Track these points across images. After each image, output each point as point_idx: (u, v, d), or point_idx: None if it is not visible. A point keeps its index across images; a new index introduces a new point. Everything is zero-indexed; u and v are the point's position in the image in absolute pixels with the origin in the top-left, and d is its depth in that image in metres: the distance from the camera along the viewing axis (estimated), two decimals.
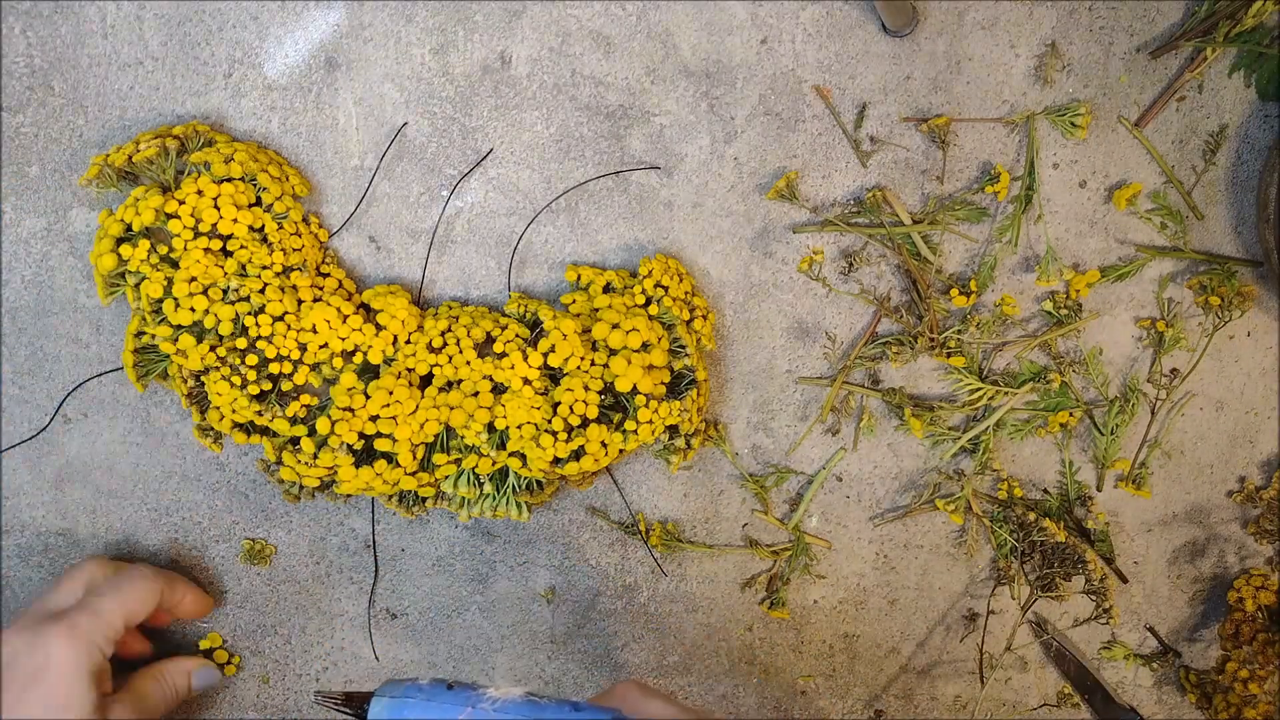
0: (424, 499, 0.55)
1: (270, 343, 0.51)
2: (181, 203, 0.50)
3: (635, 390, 0.51)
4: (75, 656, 0.49)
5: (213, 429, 0.53)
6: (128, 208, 0.50)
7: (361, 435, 0.52)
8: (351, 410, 0.51)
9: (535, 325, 0.54)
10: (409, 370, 0.52)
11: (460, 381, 0.52)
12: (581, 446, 0.51)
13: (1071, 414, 0.58)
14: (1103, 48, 0.54)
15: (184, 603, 0.56)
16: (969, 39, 0.54)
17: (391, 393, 0.51)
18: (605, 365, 0.51)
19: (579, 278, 0.55)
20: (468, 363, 0.52)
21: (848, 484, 0.59)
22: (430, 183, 0.55)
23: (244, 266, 0.51)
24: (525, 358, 0.51)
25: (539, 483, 0.55)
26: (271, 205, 0.52)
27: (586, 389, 0.51)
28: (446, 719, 0.41)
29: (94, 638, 0.50)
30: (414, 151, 0.54)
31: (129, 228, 0.50)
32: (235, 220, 0.51)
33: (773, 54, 0.54)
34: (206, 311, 0.50)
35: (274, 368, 0.51)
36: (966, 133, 0.55)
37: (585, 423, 0.52)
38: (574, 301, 0.54)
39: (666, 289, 0.53)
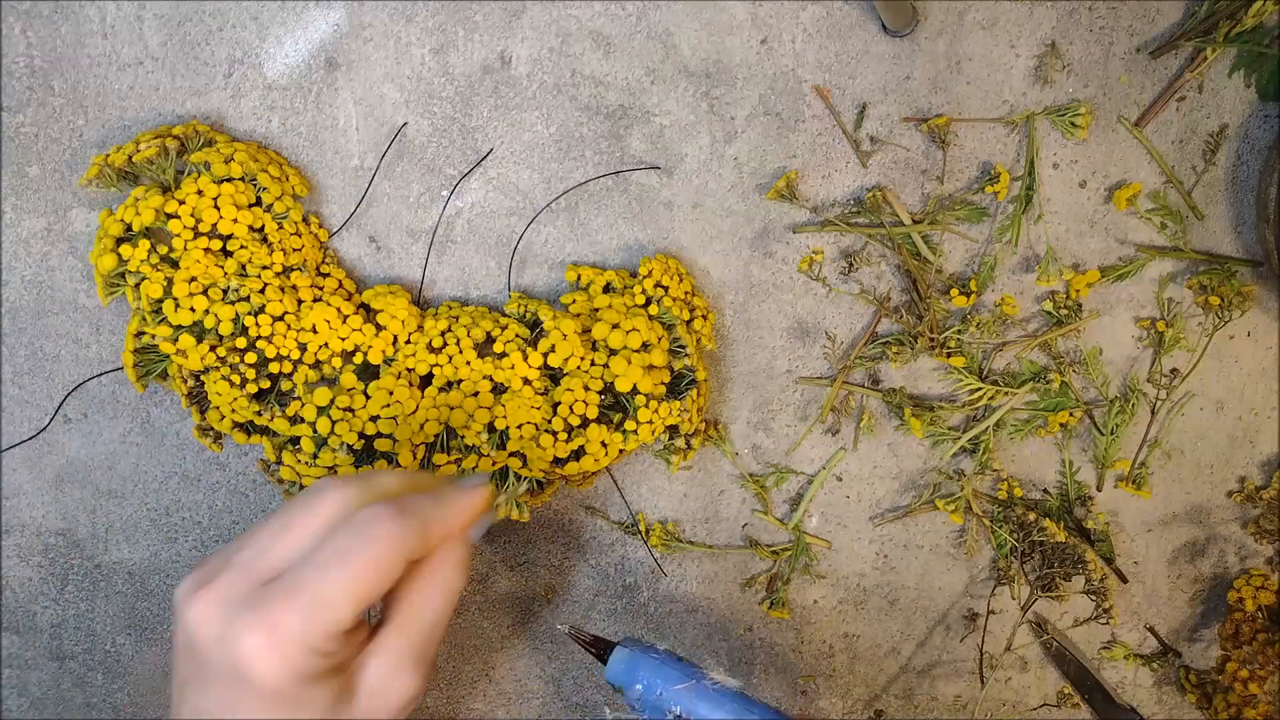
0: None
1: (270, 343, 0.51)
2: (181, 203, 0.50)
3: (635, 390, 0.51)
4: (280, 673, 0.34)
5: (213, 429, 0.53)
6: (128, 208, 0.50)
7: (361, 435, 0.52)
8: (352, 410, 0.51)
9: (535, 325, 0.54)
10: (409, 370, 0.52)
11: (460, 381, 0.52)
12: (581, 446, 0.51)
13: (1071, 414, 0.58)
14: (1103, 48, 0.54)
15: (457, 528, 0.40)
16: (969, 39, 0.54)
17: (391, 393, 0.51)
18: (605, 365, 0.51)
19: (579, 278, 0.55)
20: (468, 363, 0.52)
21: (848, 484, 0.59)
22: (430, 183, 0.55)
23: (244, 266, 0.51)
24: (525, 358, 0.51)
25: (539, 483, 0.55)
26: (271, 205, 0.52)
27: (586, 389, 0.51)
28: (671, 684, 0.46)
29: (310, 642, 0.35)
30: (414, 151, 0.54)
31: (129, 228, 0.50)
32: (235, 220, 0.51)
33: (773, 54, 0.54)
34: (206, 311, 0.50)
35: (274, 367, 0.51)
36: (966, 133, 0.55)
37: (585, 423, 0.52)
38: (574, 301, 0.54)
39: (666, 289, 0.53)
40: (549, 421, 0.51)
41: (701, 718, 0.46)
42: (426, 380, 0.53)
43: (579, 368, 0.51)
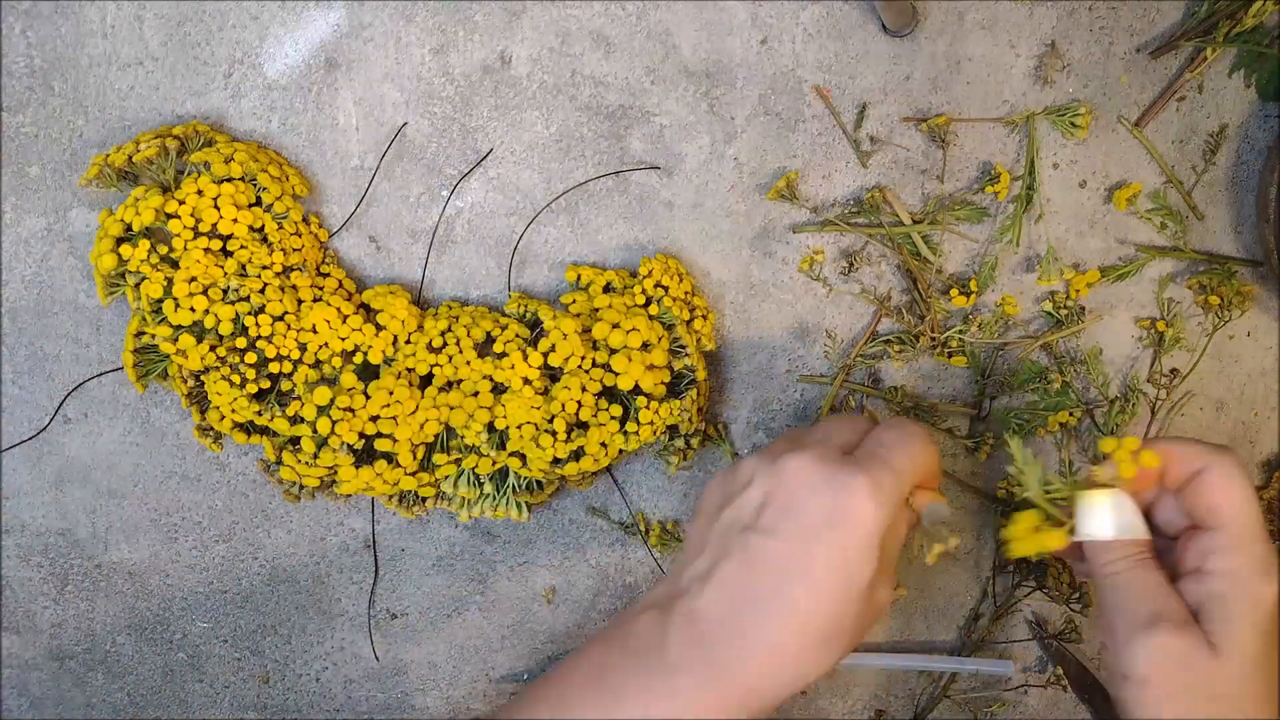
0: (424, 499, 0.55)
1: (270, 343, 0.51)
2: (181, 203, 0.50)
3: (637, 390, 0.51)
4: (877, 518, 0.41)
5: (213, 429, 0.53)
6: (128, 208, 0.50)
7: (361, 435, 0.52)
8: (352, 410, 0.51)
9: (535, 325, 0.54)
10: (409, 370, 0.52)
11: (460, 381, 0.52)
12: (581, 447, 0.51)
13: (1071, 414, 0.58)
14: (1103, 48, 0.54)
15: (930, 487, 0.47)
16: (969, 39, 0.54)
17: (391, 393, 0.51)
18: (605, 365, 0.51)
19: (579, 278, 0.55)
20: (468, 363, 0.52)
21: None
22: (430, 183, 0.55)
23: (244, 266, 0.51)
24: (525, 358, 0.51)
25: (539, 483, 0.55)
26: (271, 205, 0.52)
27: (584, 389, 0.51)
28: None
29: (893, 499, 0.42)
30: (414, 151, 0.54)
31: (129, 228, 0.50)
32: (235, 220, 0.51)
33: (773, 54, 0.54)
34: (206, 311, 0.50)
35: (274, 367, 0.51)
36: (966, 133, 0.55)
37: (585, 423, 0.52)
38: (574, 301, 0.54)
39: (666, 289, 0.53)
40: (549, 421, 0.51)
41: None
42: (426, 380, 0.53)
43: (579, 367, 0.51)
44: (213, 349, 0.51)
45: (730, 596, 0.41)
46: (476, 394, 0.52)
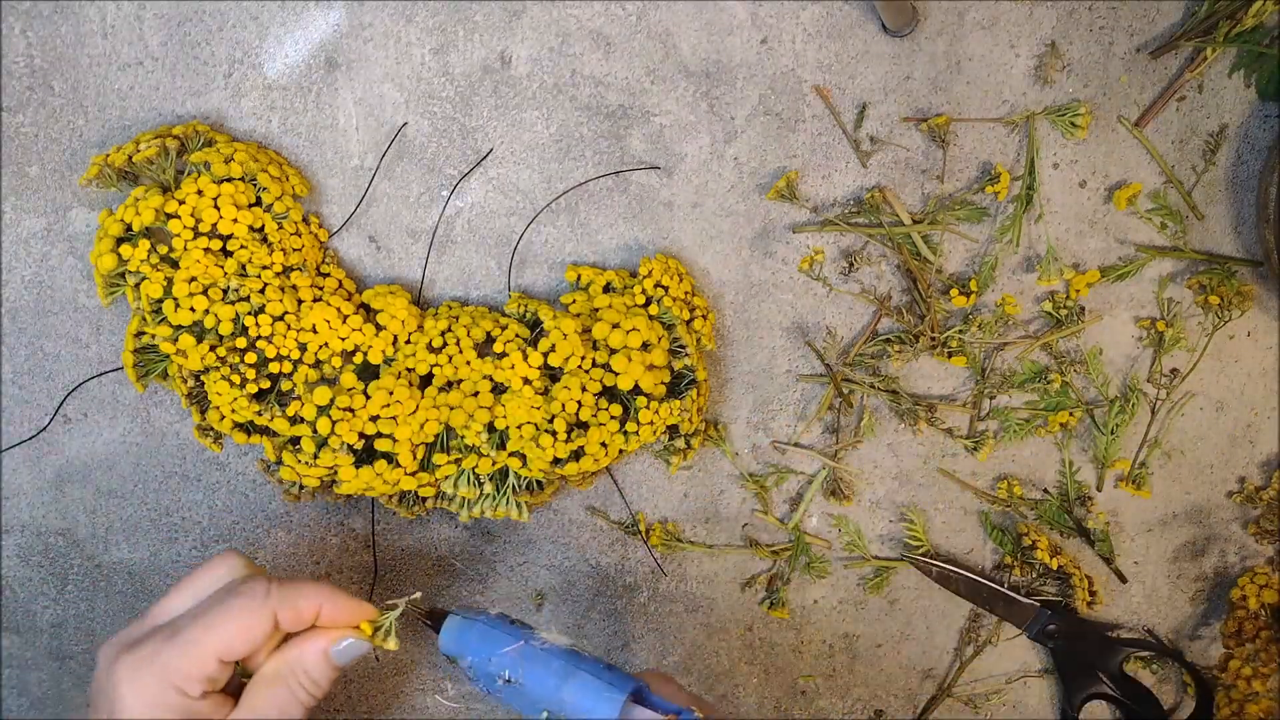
0: (424, 499, 0.55)
1: (270, 342, 0.51)
2: (181, 203, 0.50)
3: (637, 390, 0.51)
4: (144, 703, 0.38)
5: (213, 429, 0.53)
6: (128, 208, 0.50)
7: (361, 435, 0.52)
8: (352, 410, 0.51)
9: (535, 325, 0.54)
10: (409, 370, 0.52)
11: (460, 381, 0.52)
12: (581, 447, 0.51)
13: (1071, 414, 0.58)
14: (1103, 48, 0.54)
15: (324, 614, 0.44)
16: (969, 39, 0.54)
17: (391, 393, 0.51)
18: (605, 365, 0.51)
19: (579, 278, 0.55)
20: (468, 363, 0.52)
21: (848, 483, 0.59)
22: (430, 183, 0.55)
23: (244, 266, 0.51)
24: (525, 358, 0.51)
25: (539, 483, 0.55)
26: (271, 205, 0.52)
27: (584, 389, 0.51)
28: (498, 648, 0.45)
29: (171, 678, 0.39)
30: (414, 151, 0.54)
31: (129, 228, 0.50)
32: (235, 220, 0.51)
33: (773, 54, 0.54)
34: (206, 311, 0.50)
35: (274, 367, 0.51)
36: (966, 133, 0.55)
37: (585, 423, 0.52)
38: (574, 301, 0.53)
39: (666, 289, 0.53)
40: (549, 421, 0.51)
41: (529, 679, 0.44)
42: (426, 380, 0.53)
43: (579, 367, 0.51)
44: (213, 349, 0.51)
45: None
46: (476, 394, 0.52)
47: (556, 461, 0.52)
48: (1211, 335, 0.57)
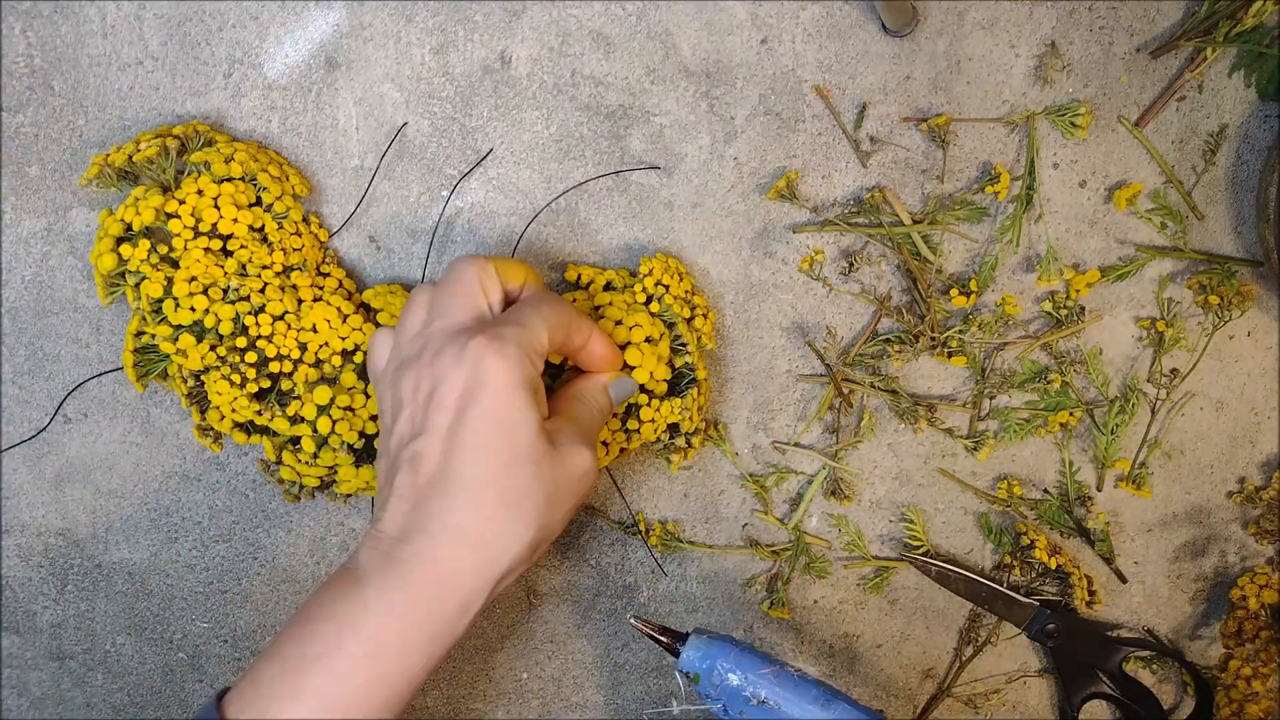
0: None
1: (270, 342, 0.51)
2: (181, 202, 0.50)
3: (640, 387, 0.51)
4: (506, 369, 0.42)
5: (213, 429, 0.53)
6: (128, 208, 0.50)
7: (362, 434, 0.52)
8: (352, 409, 0.51)
9: None
10: None
11: None
12: None
13: (1071, 414, 0.58)
14: (1103, 48, 0.54)
15: (589, 348, 0.48)
16: (969, 39, 0.54)
17: None
18: None
19: (579, 277, 0.55)
20: None
21: (848, 483, 0.59)
22: (430, 183, 0.55)
23: (244, 266, 0.51)
24: None
25: None
26: (271, 205, 0.52)
27: None
28: (755, 669, 0.47)
29: (524, 349, 0.43)
30: (414, 151, 0.54)
31: (129, 228, 0.50)
32: (235, 220, 0.51)
33: (773, 54, 0.54)
34: (206, 311, 0.50)
35: (274, 367, 0.51)
36: (966, 133, 0.55)
37: None
38: (575, 301, 0.53)
39: (667, 287, 0.53)
40: None
41: (786, 702, 0.46)
42: None
43: None
44: (213, 349, 0.51)
45: (406, 504, 0.42)
46: None
47: None
48: (1211, 335, 0.57)
